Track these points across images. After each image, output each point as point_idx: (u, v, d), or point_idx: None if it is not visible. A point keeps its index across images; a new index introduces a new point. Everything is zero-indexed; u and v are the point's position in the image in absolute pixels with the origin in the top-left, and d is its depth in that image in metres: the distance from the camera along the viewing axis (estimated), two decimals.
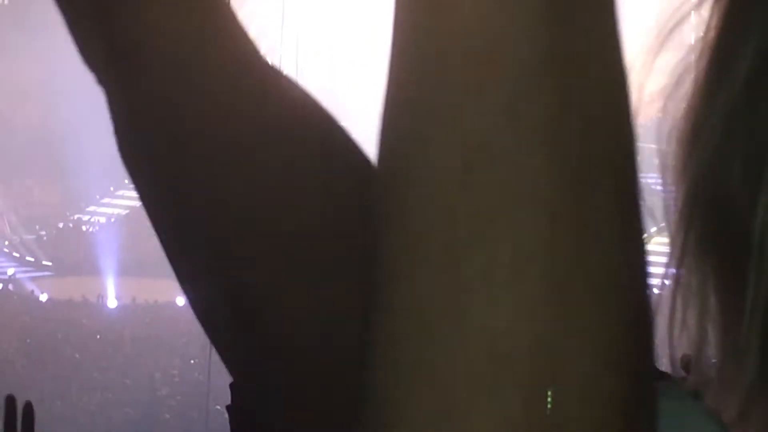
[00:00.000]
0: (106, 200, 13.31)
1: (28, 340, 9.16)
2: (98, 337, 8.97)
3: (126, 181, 0.53)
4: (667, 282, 0.46)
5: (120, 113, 0.49)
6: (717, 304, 0.45)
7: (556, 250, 0.33)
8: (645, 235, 0.36)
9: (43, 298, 10.51)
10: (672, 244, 0.46)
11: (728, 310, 0.44)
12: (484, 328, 0.33)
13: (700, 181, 0.45)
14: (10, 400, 3.10)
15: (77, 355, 8.85)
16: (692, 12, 0.47)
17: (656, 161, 0.48)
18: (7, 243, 12.94)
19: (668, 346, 0.46)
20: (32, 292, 10.73)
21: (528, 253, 0.33)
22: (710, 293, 0.45)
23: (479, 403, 0.33)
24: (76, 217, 14.15)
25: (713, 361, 0.45)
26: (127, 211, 12.74)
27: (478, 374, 0.33)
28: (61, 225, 13.15)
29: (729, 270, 0.44)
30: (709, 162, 0.44)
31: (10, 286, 11.19)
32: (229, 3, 0.48)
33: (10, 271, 11.69)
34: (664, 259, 0.47)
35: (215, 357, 0.52)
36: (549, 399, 0.34)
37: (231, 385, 0.57)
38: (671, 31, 0.48)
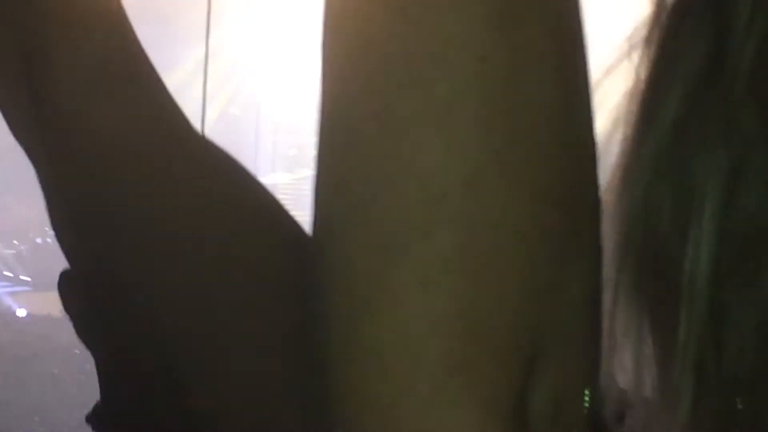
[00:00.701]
0: None
1: (6, 356, 9.09)
2: (77, 352, 8.90)
3: None
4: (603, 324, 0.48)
5: (48, 186, 0.50)
6: (653, 346, 0.46)
7: (487, 91, 0.34)
8: (585, 75, 0.37)
9: (21, 313, 10.41)
10: (606, 286, 0.47)
11: (663, 353, 0.45)
12: (416, 168, 0.34)
13: (632, 222, 0.47)
14: None
15: (55, 371, 8.77)
16: (625, 58, 0.49)
17: None
18: None
19: (605, 388, 0.47)
20: (9, 307, 10.65)
21: (460, 94, 0.34)
22: (646, 336, 0.47)
23: (414, 244, 0.34)
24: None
25: (650, 403, 0.46)
26: None
27: (411, 215, 0.34)
28: (39, 240, 13.05)
29: (662, 312, 0.46)
30: (640, 204, 0.46)
31: None
32: (160, 80, 0.49)
33: None
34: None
35: None
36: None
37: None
38: (604, 76, 0.49)
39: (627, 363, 0.49)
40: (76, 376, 9.80)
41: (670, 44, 0.49)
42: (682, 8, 0.50)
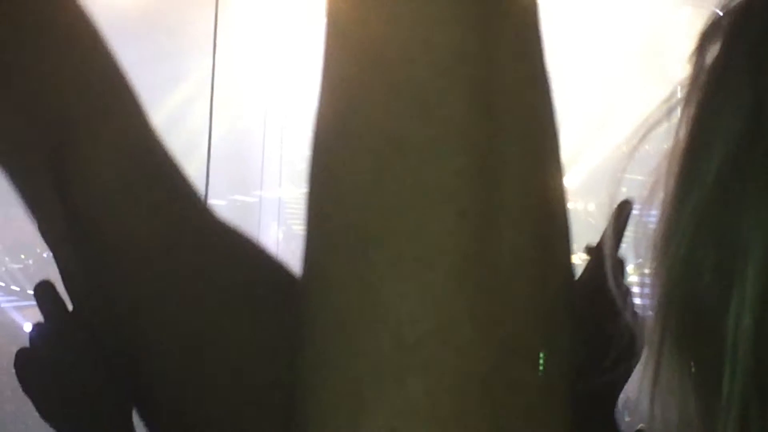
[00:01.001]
0: None
1: (14, 370, 9.09)
2: None
3: None
4: (646, 381, 0.48)
5: (70, 276, 0.51)
6: (696, 405, 0.46)
7: (464, 244, 0.34)
8: (564, 217, 0.37)
9: (28, 327, 10.43)
10: (650, 346, 0.47)
11: (707, 407, 0.46)
12: (391, 317, 0.34)
13: (674, 283, 0.47)
14: None
15: None
16: (664, 119, 0.49)
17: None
18: None
19: None
20: (16, 321, 10.63)
21: (437, 247, 0.34)
22: (690, 395, 0.47)
23: (385, 390, 0.34)
24: None
25: None
26: None
27: (384, 362, 0.34)
28: (45, 254, 13.04)
29: (706, 371, 0.46)
30: (682, 265, 0.46)
31: None
32: (177, 167, 0.50)
33: None
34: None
35: None
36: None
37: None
38: (642, 138, 0.49)
39: (671, 418, 0.49)
40: None
41: (710, 105, 0.49)
42: (721, 69, 0.50)
